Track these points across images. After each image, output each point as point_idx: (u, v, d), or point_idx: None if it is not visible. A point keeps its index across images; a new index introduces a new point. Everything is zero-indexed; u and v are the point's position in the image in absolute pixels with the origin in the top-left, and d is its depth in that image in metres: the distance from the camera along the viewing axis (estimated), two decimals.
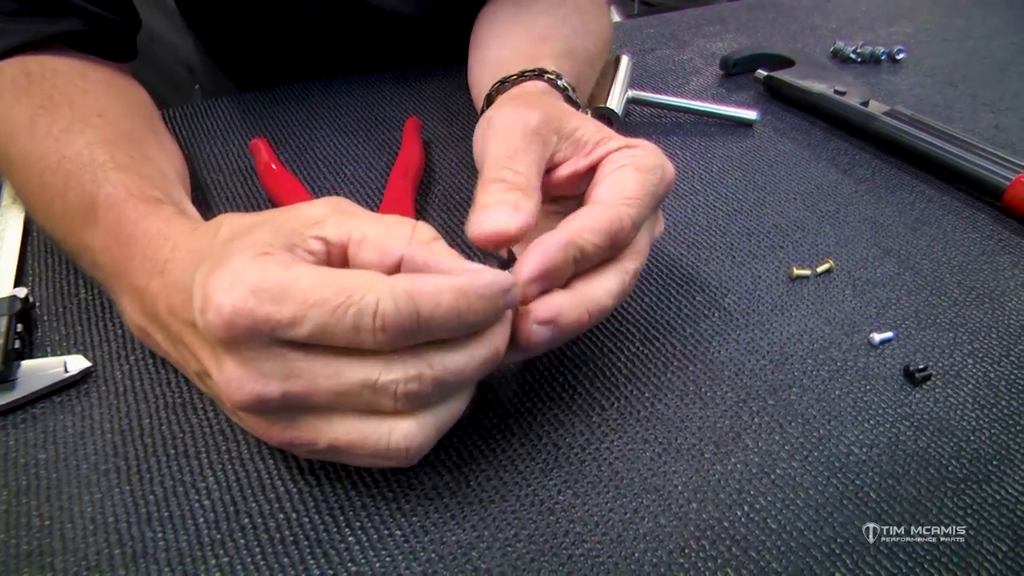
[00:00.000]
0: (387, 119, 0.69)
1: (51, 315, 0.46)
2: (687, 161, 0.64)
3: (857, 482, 0.38)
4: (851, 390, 0.43)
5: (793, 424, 0.41)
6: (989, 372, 0.45)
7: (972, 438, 0.40)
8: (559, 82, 0.51)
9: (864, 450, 0.39)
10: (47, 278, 0.49)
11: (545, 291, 0.36)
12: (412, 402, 0.31)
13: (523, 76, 0.51)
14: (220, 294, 0.30)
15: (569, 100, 0.50)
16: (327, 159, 0.63)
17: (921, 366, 0.44)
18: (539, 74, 0.51)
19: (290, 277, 0.30)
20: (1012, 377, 0.44)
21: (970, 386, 0.44)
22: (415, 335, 0.30)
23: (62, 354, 0.43)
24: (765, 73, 0.76)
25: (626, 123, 0.69)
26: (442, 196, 0.58)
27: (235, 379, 0.30)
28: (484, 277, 0.31)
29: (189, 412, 0.40)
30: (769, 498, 0.37)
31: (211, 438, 0.39)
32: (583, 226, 0.36)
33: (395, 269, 0.32)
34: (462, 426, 0.39)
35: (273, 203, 0.56)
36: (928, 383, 0.44)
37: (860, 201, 0.59)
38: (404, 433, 0.31)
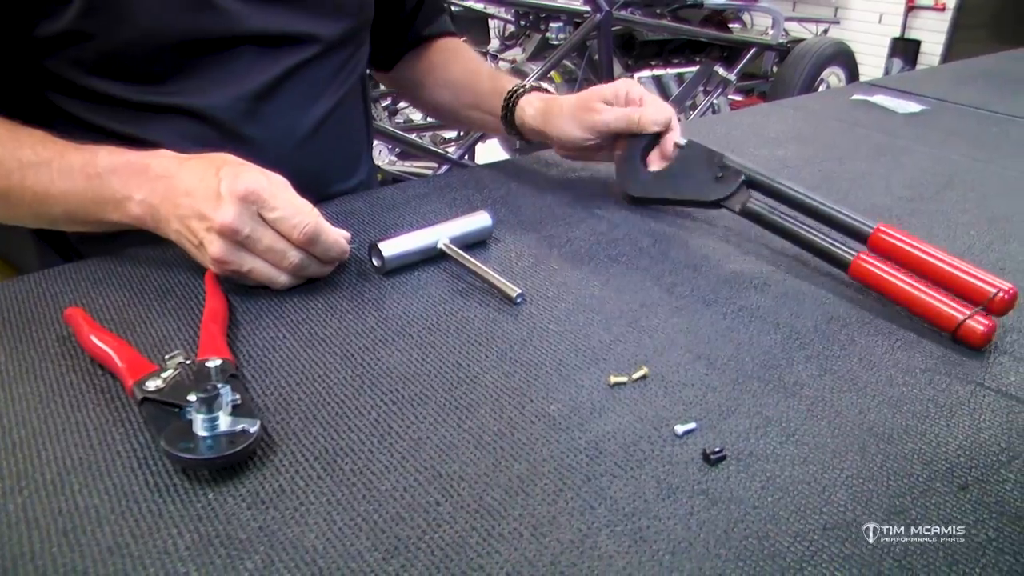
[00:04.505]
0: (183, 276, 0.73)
1: None
2: (527, 290, 0.72)
3: (655, 547, 0.45)
4: (655, 474, 0.50)
5: (603, 505, 0.47)
6: (777, 450, 0.53)
7: (757, 503, 0.48)
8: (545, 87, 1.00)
9: (662, 521, 0.46)
10: None
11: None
12: (295, 271, 0.69)
13: (526, 88, 0.98)
14: (247, 184, 0.64)
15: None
16: (136, 318, 0.66)
17: (717, 449, 0.52)
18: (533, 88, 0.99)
19: (274, 193, 0.65)
20: (795, 452, 0.52)
21: (760, 463, 0.51)
22: (312, 245, 0.67)
23: None
24: None
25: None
26: (248, 335, 0.64)
27: (230, 216, 0.63)
28: (343, 240, 0.71)
29: None
30: (579, 567, 0.43)
31: None
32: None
33: None
34: (313, 514, 0.45)
35: (100, 366, 0.59)
36: (723, 463, 0.51)
37: (678, 315, 0.68)
38: (283, 281, 0.69)
